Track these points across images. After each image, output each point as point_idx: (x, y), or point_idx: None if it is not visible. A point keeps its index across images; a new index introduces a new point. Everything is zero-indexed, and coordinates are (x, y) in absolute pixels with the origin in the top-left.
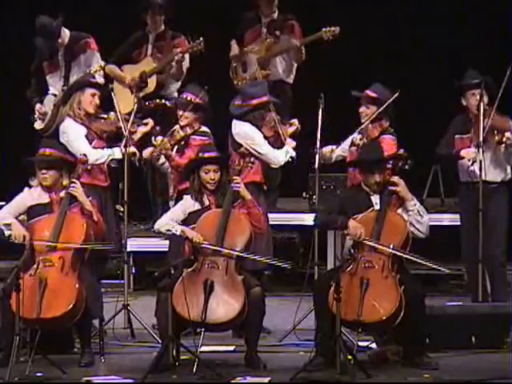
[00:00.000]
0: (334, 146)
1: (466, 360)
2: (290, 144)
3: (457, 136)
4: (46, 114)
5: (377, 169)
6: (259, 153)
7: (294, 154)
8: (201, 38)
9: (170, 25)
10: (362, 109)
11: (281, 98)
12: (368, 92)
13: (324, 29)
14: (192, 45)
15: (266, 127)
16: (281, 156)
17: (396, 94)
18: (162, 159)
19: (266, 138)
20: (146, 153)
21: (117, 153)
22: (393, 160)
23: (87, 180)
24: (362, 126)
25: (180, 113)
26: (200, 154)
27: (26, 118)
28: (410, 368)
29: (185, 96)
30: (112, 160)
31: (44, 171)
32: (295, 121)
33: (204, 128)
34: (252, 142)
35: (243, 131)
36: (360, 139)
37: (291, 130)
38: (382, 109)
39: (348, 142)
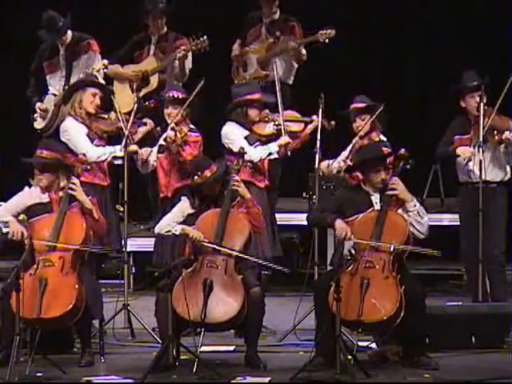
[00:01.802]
0: (331, 161)
1: (466, 360)
2: (282, 140)
3: (456, 137)
4: (47, 111)
5: (382, 166)
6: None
7: (275, 150)
8: (205, 36)
9: (171, 25)
10: (358, 123)
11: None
12: (356, 105)
13: (320, 31)
14: (196, 42)
15: (266, 125)
16: (255, 154)
17: (382, 107)
18: (149, 157)
19: (265, 136)
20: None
21: (118, 150)
22: (394, 160)
23: (87, 179)
24: (354, 142)
25: (169, 111)
26: (201, 172)
27: (26, 117)
28: (410, 368)
29: (171, 94)
30: (114, 158)
31: (39, 173)
32: (315, 118)
33: (191, 125)
34: (229, 140)
35: (223, 131)
36: (345, 159)
37: (311, 126)
38: (371, 119)
39: (347, 152)
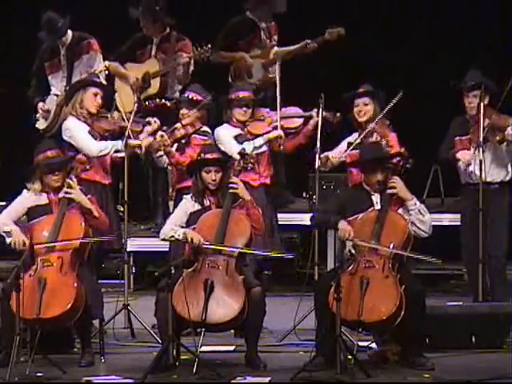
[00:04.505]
0: (330, 154)
1: (466, 360)
2: (272, 133)
3: (456, 138)
4: (49, 112)
5: (379, 167)
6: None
7: (259, 143)
8: (209, 45)
9: (174, 26)
10: (360, 107)
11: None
12: (362, 89)
13: (328, 30)
14: (200, 51)
15: (261, 124)
16: (233, 148)
17: (400, 94)
18: (161, 152)
19: (260, 135)
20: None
21: (120, 144)
22: (394, 159)
23: (87, 176)
24: (367, 130)
25: (182, 111)
26: (202, 155)
27: (27, 117)
28: (408, 368)
29: (187, 95)
30: (117, 151)
31: (57, 173)
32: (314, 113)
33: (205, 128)
34: (221, 145)
35: (216, 136)
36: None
37: (312, 122)
38: (386, 110)
39: (343, 145)
